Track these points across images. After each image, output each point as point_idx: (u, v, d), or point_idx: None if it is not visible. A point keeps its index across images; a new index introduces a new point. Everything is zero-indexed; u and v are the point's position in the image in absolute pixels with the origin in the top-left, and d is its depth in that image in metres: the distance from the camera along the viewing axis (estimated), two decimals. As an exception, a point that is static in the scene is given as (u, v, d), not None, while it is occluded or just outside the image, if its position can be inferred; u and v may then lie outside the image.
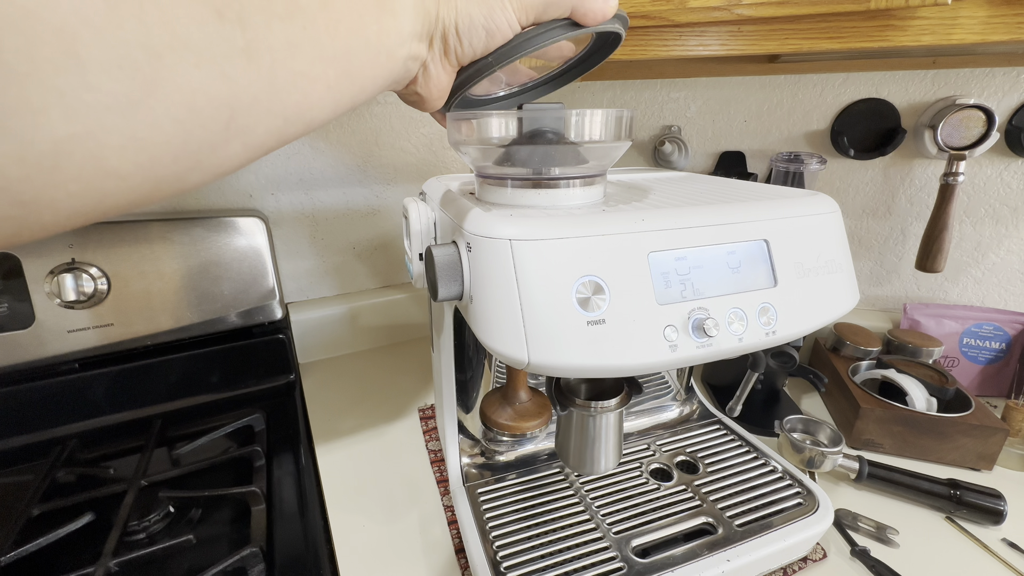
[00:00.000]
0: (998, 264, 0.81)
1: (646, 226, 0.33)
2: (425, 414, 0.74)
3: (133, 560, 0.49)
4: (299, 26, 0.21)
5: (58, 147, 0.14)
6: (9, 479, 0.62)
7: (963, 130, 0.72)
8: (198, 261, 0.71)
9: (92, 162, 0.15)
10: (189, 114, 0.17)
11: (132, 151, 0.16)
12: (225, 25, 0.18)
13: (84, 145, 0.15)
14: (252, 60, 0.19)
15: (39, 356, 0.65)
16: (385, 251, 0.95)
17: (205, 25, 0.17)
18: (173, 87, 0.16)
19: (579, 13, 0.32)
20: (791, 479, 0.55)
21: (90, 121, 0.15)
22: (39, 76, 0.14)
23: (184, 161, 0.18)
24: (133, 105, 0.15)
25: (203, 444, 0.67)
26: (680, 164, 0.89)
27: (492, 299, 0.32)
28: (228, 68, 0.18)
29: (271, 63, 0.20)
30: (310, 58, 0.22)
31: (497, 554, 0.46)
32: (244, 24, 0.18)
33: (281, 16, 0.20)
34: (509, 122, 0.36)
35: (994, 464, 0.63)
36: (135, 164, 0.16)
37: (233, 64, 0.18)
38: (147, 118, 0.16)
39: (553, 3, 0.31)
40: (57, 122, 0.14)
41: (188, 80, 0.17)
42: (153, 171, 0.17)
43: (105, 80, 0.15)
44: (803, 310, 0.37)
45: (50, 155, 0.14)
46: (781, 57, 0.75)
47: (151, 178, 0.17)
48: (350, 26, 0.24)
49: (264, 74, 0.20)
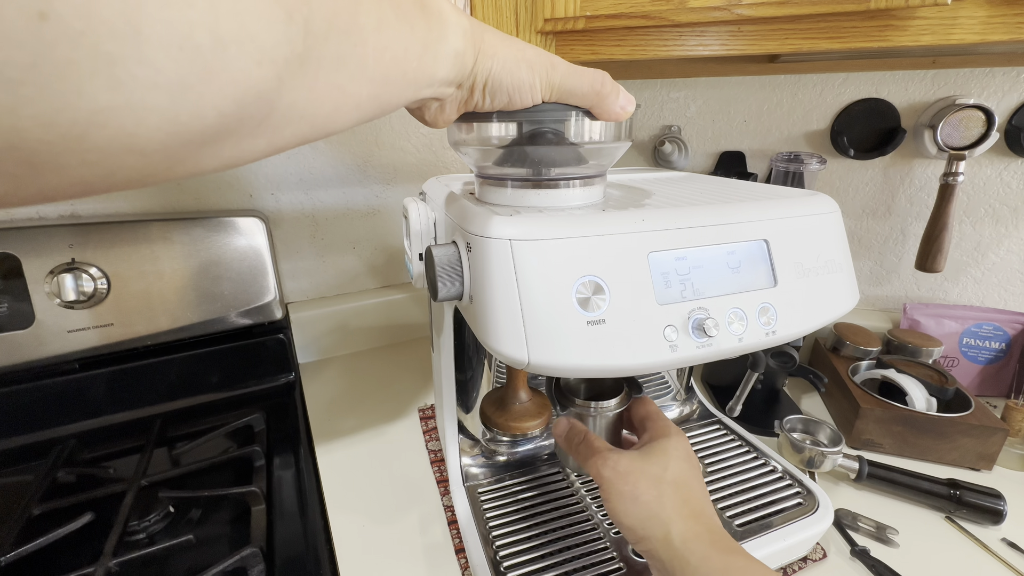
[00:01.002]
0: (998, 264, 0.81)
1: (646, 226, 0.33)
2: (425, 414, 0.74)
3: (133, 560, 0.49)
4: (352, 43, 0.21)
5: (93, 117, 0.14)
6: (9, 479, 0.62)
7: (963, 130, 0.72)
8: (198, 261, 0.71)
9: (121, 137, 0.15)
10: (234, 108, 0.17)
11: (166, 133, 0.15)
12: (292, 27, 0.18)
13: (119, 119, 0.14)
14: (304, 66, 0.19)
15: (39, 356, 0.65)
16: (385, 251, 0.95)
17: (274, 24, 0.17)
18: (229, 79, 0.16)
19: (597, 111, 0.34)
20: (791, 479, 0.55)
21: (134, 96, 0.14)
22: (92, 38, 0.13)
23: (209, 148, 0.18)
24: (184, 88, 0.15)
25: (203, 444, 0.67)
26: (680, 164, 0.89)
27: (492, 299, 0.32)
28: (283, 71, 0.18)
29: (316, 71, 0.20)
30: (351, 75, 0.22)
31: (497, 554, 0.46)
32: (308, 31, 0.18)
33: (341, 29, 0.20)
34: (509, 123, 0.36)
35: (994, 464, 0.64)
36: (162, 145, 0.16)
37: (288, 67, 0.18)
38: (194, 104, 0.15)
39: (576, 96, 0.33)
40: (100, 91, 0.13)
41: (246, 75, 0.16)
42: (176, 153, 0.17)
43: (161, 57, 0.14)
44: (803, 310, 0.37)
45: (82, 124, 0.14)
46: (781, 57, 0.75)
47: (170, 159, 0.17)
48: (395, 55, 0.24)
49: (308, 82, 0.20)
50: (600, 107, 0.34)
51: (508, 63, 0.30)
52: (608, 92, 0.33)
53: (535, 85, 0.31)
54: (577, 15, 0.54)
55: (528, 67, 0.31)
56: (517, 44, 0.31)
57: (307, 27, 0.18)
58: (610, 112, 0.34)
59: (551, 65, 0.32)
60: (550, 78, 0.32)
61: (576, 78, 0.32)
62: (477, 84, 0.30)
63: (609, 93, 0.33)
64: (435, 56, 0.27)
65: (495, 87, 0.31)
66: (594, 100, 0.33)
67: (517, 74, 0.31)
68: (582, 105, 0.34)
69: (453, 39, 0.28)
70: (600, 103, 0.33)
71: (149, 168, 0.17)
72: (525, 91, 0.31)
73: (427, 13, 0.26)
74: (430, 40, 0.26)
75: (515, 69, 0.30)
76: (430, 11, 0.26)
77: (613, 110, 0.34)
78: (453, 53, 0.28)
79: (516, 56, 0.31)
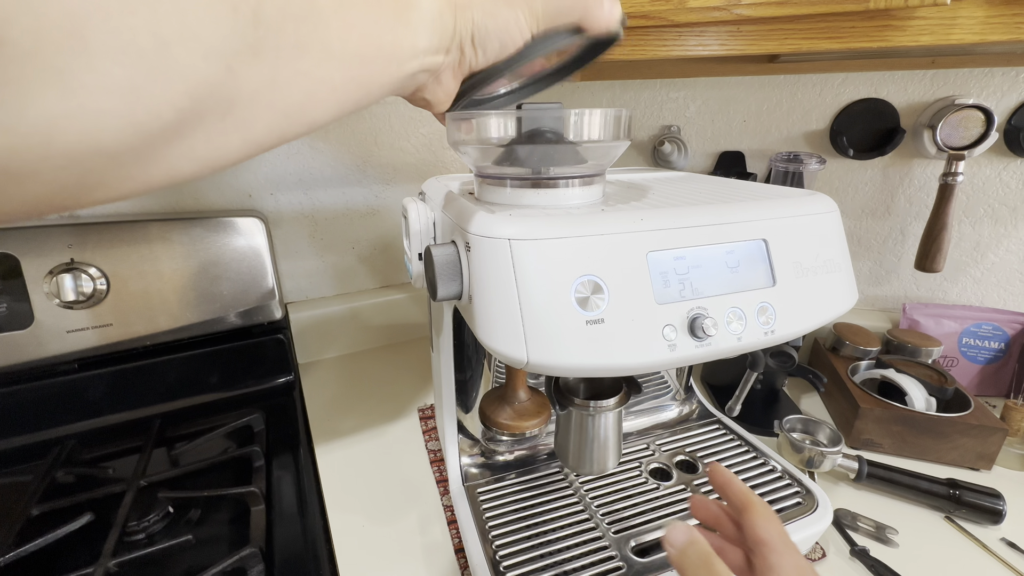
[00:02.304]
0: (997, 264, 0.81)
1: (645, 225, 0.33)
2: (425, 414, 0.74)
3: (132, 560, 0.49)
4: (310, 27, 0.21)
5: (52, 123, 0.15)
6: (9, 479, 0.62)
7: (962, 130, 0.72)
8: (197, 261, 0.71)
9: (85, 139, 0.16)
10: (189, 102, 0.17)
11: (128, 133, 0.16)
12: (239, 20, 0.18)
13: (79, 123, 0.15)
14: (257, 56, 0.19)
15: (38, 356, 0.65)
16: (385, 251, 0.95)
17: (220, 20, 0.17)
18: (177, 76, 0.17)
19: (586, 22, 0.32)
20: (790, 479, 0.55)
21: (88, 101, 0.15)
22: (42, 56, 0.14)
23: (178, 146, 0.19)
24: (134, 89, 0.16)
25: (202, 444, 0.67)
26: (679, 164, 0.89)
27: (491, 299, 0.32)
28: (234, 62, 0.18)
29: (275, 59, 0.20)
30: (316, 59, 0.22)
31: (496, 553, 0.46)
32: (257, 21, 0.19)
33: (296, 16, 0.20)
34: (508, 122, 0.36)
35: (993, 464, 0.64)
36: (127, 145, 0.17)
37: (239, 59, 0.18)
38: (147, 103, 0.16)
39: (562, 13, 0.32)
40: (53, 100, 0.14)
41: (194, 71, 0.17)
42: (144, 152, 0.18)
43: (108, 64, 0.15)
44: (802, 310, 0.37)
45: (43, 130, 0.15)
46: (780, 57, 0.75)
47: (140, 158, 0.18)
48: (364, 32, 0.24)
49: (267, 71, 0.20)
50: (588, 18, 0.32)
51: (487, 6, 0.30)
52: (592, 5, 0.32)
53: (520, 20, 0.30)
54: (576, 15, 0.54)
55: (507, 4, 0.30)
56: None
57: (256, 18, 0.19)
58: (599, 20, 0.32)
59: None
60: (532, 6, 0.31)
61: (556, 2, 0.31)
62: (465, 41, 0.30)
63: (595, 2, 0.32)
64: (409, 25, 0.26)
65: (483, 37, 0.30)
66: (581, 12, 0.32)
67: (500, 15, 0.30)
68: (571, 21, 0.32)
69: (426, 3, 0.27)
70: (588, 14, 0.32)
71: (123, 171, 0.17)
72: (513, 30, 0.30)
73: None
74: (400, 9, 0.26)
75: (496, 11, 0.30)
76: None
77: (602, 17, 0.32)
78: (430, 18, 0.27)
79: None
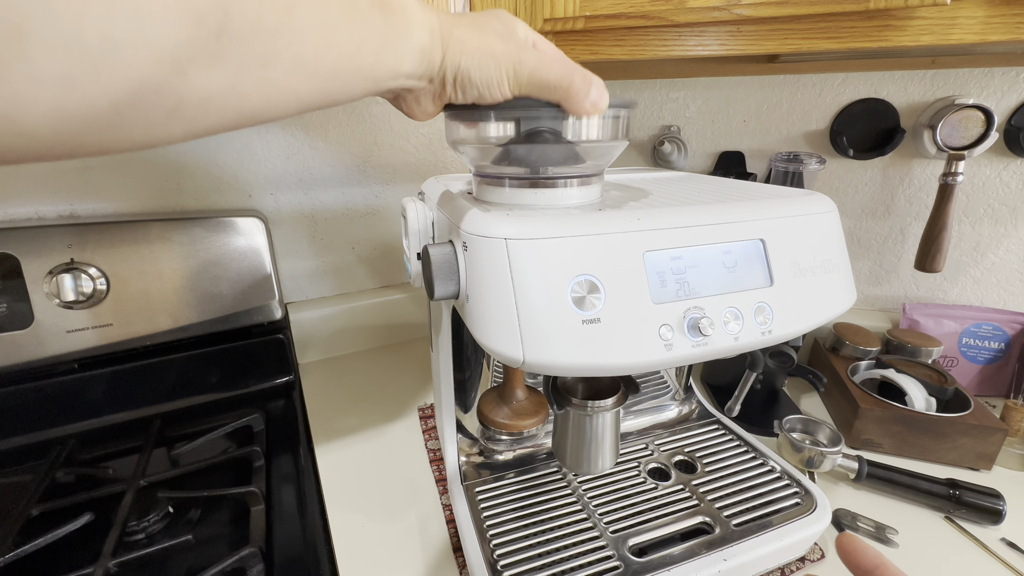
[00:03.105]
0: (997, 264, 0.81)
1: (641, 225, 0.33)
2: (425, 413, 0.74)
3: (132, 560, 0.49)
4: (286, 42, 0.21)
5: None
6: (9, 479, 0.62)
7: (962, 130, 0.72)
8: (197, 261, 0.71)
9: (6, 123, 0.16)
10: (131, 99, 0.17)
11: (55, 120, 0.16)
12: (202, 30, 0.18)
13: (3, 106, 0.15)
14: (216, 63, 0.19)
15: (38, 356, 0.65)
16: (384, 251, 0.95)
17: (180, 28, 0.17)
18: (121, 76, 0.16)
19: (567, 105, 0.33)
20: (789, 479, 0.55)
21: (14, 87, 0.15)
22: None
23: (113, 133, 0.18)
24: (68, 83, 0.16)
25: (202, 444, 0.67)
26: (679, 164, 0.89)
27: (488, 298, 0.32)
28: (189, 67, 0.18)
29: (237, 67, 0.20)
30: (286, 71, 0.22)
31: (494, 552, 0.46)
32: (221, 33, 0.18)
33: (270, 30, 0.20)
34: (507, 122, 0.36)
35: (993, 464, 0.63)
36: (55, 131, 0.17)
37: (195, 65, 0.18)
38: (81, 96, 0.16)
39: (545, 90, 0.32)
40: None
41: (139, 72, 0.17)
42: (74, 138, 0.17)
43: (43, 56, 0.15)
44: (799, 309, 0.37)
45: None
46: (780, 57, 0.75)
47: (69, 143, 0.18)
48: (343, 52, 0.24)
49: (226, 77, 0.20)
50: (569, 103, 0.33)
51: (476, 57, 0.30)
52: (578, 88, 0.32)
53: (503, 81, 0.31)
54: (576, 15, 0.54)
55: (495, 63, 0.31)
56: (487, 38, 0.31)
57: (222, 29, 0.18)
58: (580, 108, 0.33)
59: (519, 61, 0.31)
60: (517, 74, 0.31)
61: (544, 74, 0.32)
62: (448, 78, 0.30)
63: (579, 89, 0.32)
64: (397, 52, 0.27)
65: (465, 82, 0.31)
66: (563, 95, 0.32)
67: (485, 69, 0.30)
68: (552, 100, 0.33)
69: (418, 35, 0.28)
70: (569, 99, 0.33)
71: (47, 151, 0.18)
72: (494, 87, 0.31)
73: (387, 11, 0.26)
74: (390, 36, 0.26)
75: (483, 63, 0.30)
76: (391, 9, 0.26)
77: (583, 106, 0.33)
78: (419, 49, 0.28)
79: (484, 50, 0.30)
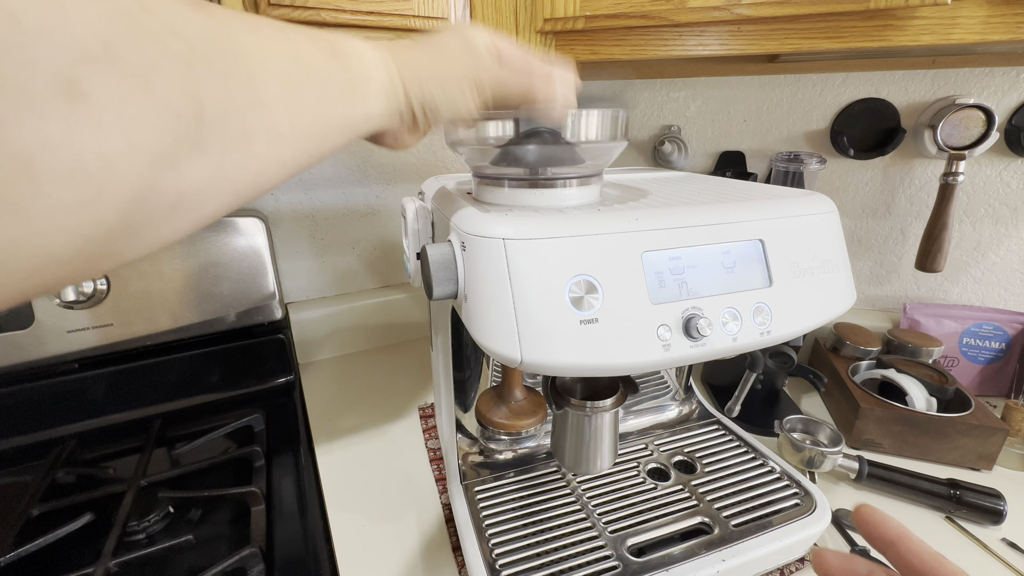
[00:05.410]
0: (998, 264, 0.81)
1: (640, 225, 0.33)
2: (425, 413, 0.74)
3: (133, 560, 0.49)
4: (258, 115, 0.21)
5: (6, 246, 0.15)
6: (9, 479, 0.62)
7: (963, 130, 0.72)
8: (198, 261, 0.71)
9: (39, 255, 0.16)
10: (135, 205, 0.18)
11: (78, 242, 0.17)
12: (181, 124, 0.18)
13: (32, 242, 0.16)
14: (202, 151, 0.19)
15: (38, 356, 0.65)
16: (385, 251, 0.95)
17: (163, 129, 0.17)
18: (123, 187, 0.17)
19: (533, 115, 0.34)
20: (789, 480, 0.55)
21: (40, 223, 0.15)
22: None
23: (127, 241, 0.19)
24: (82, 206, 0.16)
25: (203, 444, 0.67)
26: (680, 164, 0.89)
27: (486, 298, 0.32)
28: (178, 162, 0.18)
29: (221, 151, 0.20)
30: (266, 142, 0.22)
31: (493, 552, 0.46)
32: (200, 121, 0.18)
33: (240, 107, 0.20)
34: (506, 122, 0.36)
35: (994, 464, 0.63)
36: (78, 251, 0.17)
37: (184, 158, 0.18)
38: (95, 215, 0.16)
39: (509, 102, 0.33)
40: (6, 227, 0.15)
41: (138, 178, 0.17)
42: (95, 254, 0.18)
43: (56, 189, 0.15)
44: (798, 310, 0.37)
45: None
46: (781, 57, 0.75)
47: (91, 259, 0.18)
48: (314, 111, 0.24)
49: (213, 163, 0.20)
50: (532, 112, 0.34)
51: (436, 83, 0.30)
52: (539, 97, 0.33)
53: (467, 99, 0.31)
54: (577, 15, 0.54)
55: (456, 85, 0.31)
56: (442, 61, 0.31)
57: (198, 118, 0.18)
58: (543, 117, 0.34)
59: (478, 79, 0.31)
60: (480, 91, 0.31)
61: (502, 89, 0.32)
62: (416, 110, 0.30)
63: (542, 99, 0.33)
64: (364, 96, 0.27)
65: (432, 108, 0.30)
66: (529, 104, 0.33)
67: (448, 93, 0.30)
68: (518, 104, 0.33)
69: (377, 76, 0.27)
70: (531, 110, 0.33)
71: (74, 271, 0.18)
72: (460, 104, 0.31)
73: (342, 59, 0.26)
74: (352, 84, 0.26)
75: (444, 87, 0.30)
76: (345, 56, 0.26)
77: (548, 116, 0.34)
78: (382, 88, 0.28)
79: (442, 74, 0.30)
